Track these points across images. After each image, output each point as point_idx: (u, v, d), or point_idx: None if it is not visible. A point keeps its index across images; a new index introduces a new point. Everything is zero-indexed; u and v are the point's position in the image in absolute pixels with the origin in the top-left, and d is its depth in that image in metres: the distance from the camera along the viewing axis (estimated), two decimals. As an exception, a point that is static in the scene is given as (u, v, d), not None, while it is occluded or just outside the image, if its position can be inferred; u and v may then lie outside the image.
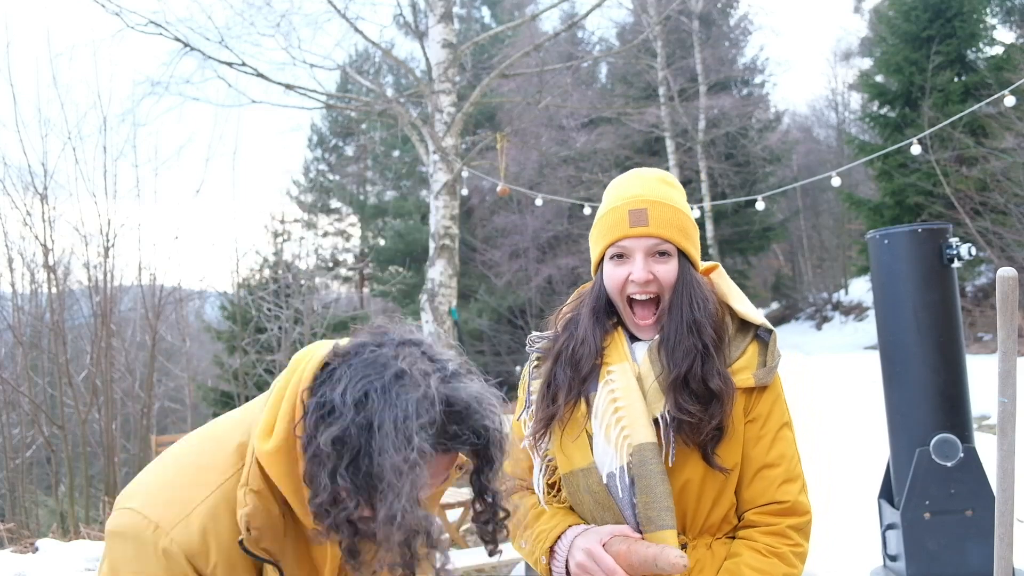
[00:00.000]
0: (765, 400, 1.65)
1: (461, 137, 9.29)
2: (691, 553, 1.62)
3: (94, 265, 11.21)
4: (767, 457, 1.63)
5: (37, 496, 11.92)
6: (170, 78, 9.47)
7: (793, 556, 1.59)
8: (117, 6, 8.50)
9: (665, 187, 1.69)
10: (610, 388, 1.64)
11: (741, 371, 1.63)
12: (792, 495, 1.62)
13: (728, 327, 1.67)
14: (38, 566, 5.66)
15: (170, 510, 1.22)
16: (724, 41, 24.41)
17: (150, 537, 1.20)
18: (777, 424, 1.66)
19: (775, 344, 1.67)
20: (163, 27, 8.67)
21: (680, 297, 1.62)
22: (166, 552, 1.20)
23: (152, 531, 1.21)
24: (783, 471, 1.63)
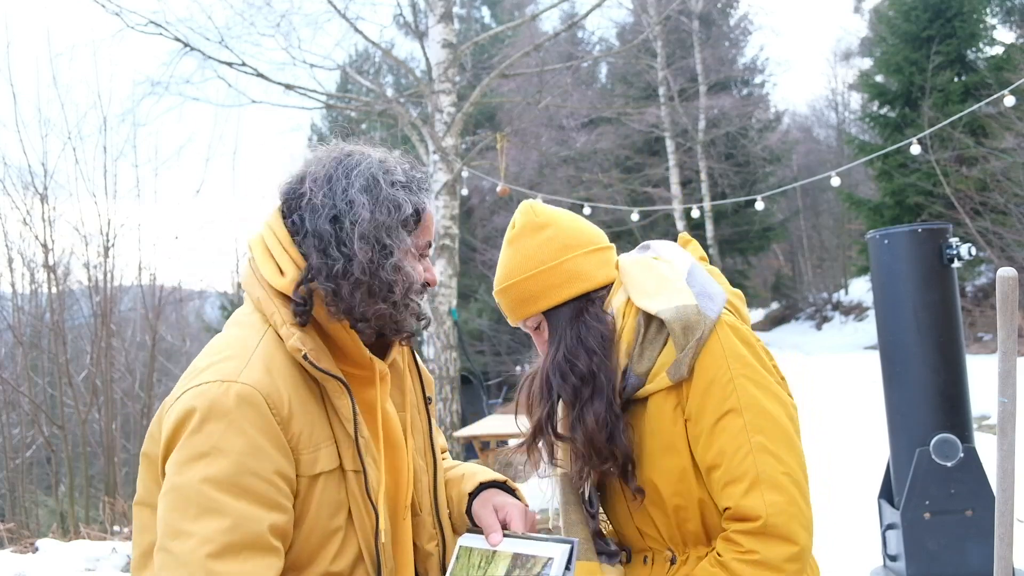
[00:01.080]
0: (694, 393, 1.47)
1: (461, 137, 9.30)
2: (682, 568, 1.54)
3: (94, 265, 11.22)
4: (707, 458, 1.46)
5: (37, 496, 11.91)
6: (170, 78, 9.47)
7: (740, 564, 1.40)
8: (117, 6, 8.51)
9: (509, 255, 1.62)
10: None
11: (659, 370, 1.50)
12: (734, 499, 1.42)
13: (640, 331, 1.53)
14: (38, 566, 5.66)
15: (229, 365, 1.25)
16: (724, 41, 24.41)
17: (221, 390, 1.21)
18: (713, 417, 1.45)
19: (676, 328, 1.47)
20: (163, 27, 8.67)
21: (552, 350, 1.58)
22: (241, 397, 1.21)
23: (222, 386, 1.22)
24: (723, 472, 1.44)
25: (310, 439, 1.27)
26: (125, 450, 12.05)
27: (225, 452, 1.19)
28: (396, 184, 1.34)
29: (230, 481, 1.18)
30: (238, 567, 1.15)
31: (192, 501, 1.18)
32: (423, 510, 1.46)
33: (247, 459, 1.20)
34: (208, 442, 1.19)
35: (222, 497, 1.18)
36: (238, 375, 1.24)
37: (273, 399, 1.24)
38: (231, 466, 1.19)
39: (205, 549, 1.15)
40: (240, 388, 1.22)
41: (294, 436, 1.26)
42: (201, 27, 9.81)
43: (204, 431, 1.20)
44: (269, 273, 1.32)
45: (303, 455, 1.26)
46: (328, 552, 1.29)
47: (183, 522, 1.17)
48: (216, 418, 1.20)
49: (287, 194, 1.37)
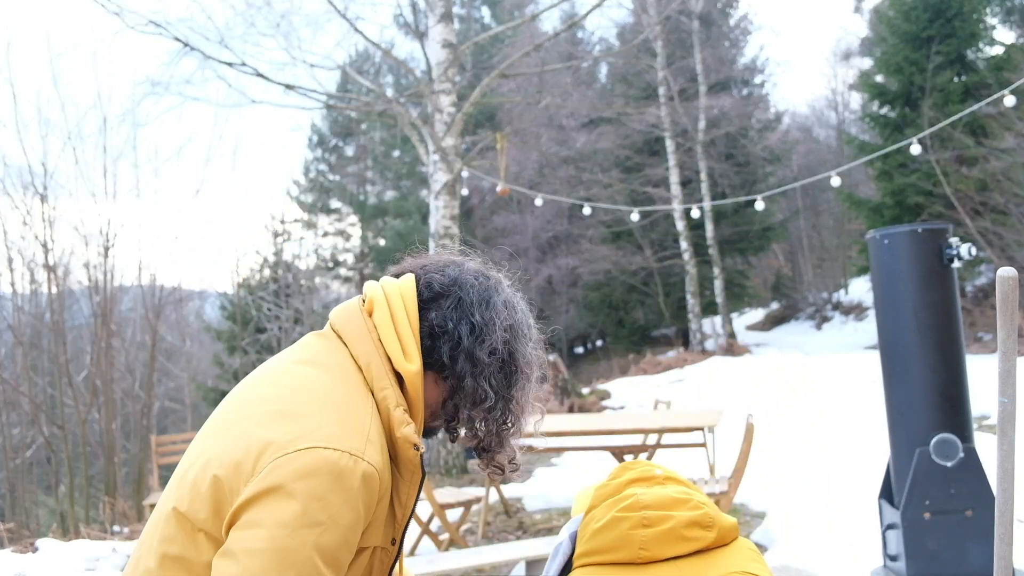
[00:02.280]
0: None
1: (461, 137, 9.29)
2: None
3: (94, 265, 11.22)
4: None
5: (37, 496, 11.92)
6: (170, 78, 9.50)
7: None
8: (117, 6, 8.51)
9: None
10: None
11: None
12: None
13: None
14: (38, 566, 5.66)
15: (354, 440, 1.25)
16: (724, 41, 24.41)
17: (351, 466, 1.22)
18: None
19: None
20: (163, 27, 8.67)
21: None
22: (365, 478, 1.24)
23: (351, 460, 1.23)
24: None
25: (378, 517, 1.32)
26: (125, 450, 12.05)
27: (339, 525, 1.21)
28: (532, 339, 1.47)
29: (331, 554, 1.21)
30: None
31: (296, 566, 1.18)
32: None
33: (349, 534, 1.23)
34: (328, 512, 1.20)
35: (322, 566, 1.20)
36: (363, 452, 1.25)
37: (384, 484, 1.29)
38: (339, 538, 1.22)
39: None
40: (366, 468, 1.24)
41: (375, 515, 1.31)
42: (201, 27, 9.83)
43: (327, 500, 1.21)
44: (395, 351, 1.35)
45: (367, 531, 1.31)
46: None
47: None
48: (341, 491, 1.21)
49: (432, 283, 1.42)
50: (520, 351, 1.41)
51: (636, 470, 1.51)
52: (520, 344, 1.42)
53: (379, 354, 1.35)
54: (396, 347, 1.35)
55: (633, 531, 1.36)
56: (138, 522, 8.57)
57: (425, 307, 1.39)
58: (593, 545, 1.40)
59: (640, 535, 1.36)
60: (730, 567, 1.36)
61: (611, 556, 1.37)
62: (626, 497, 1.43)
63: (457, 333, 1.36)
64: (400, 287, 1.41)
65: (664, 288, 23.27)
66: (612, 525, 1.38)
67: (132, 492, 10.87)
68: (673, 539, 1.36)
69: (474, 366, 1.36)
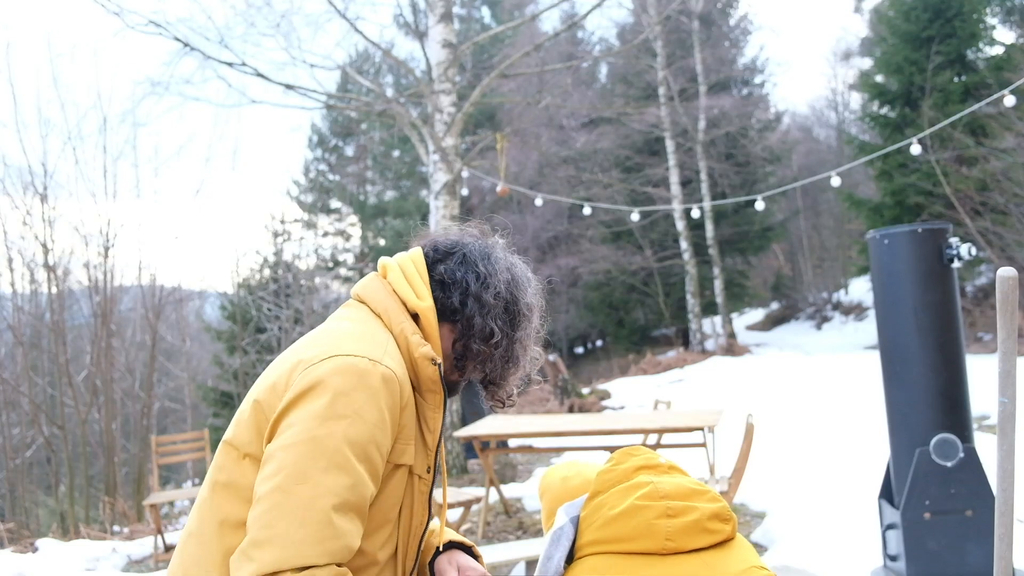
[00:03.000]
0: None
1: (461, 137, 9.29)
2: None
3: (94, 265, 11.22)
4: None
5: (37, 496, 11.91)
6: (170, 78, 9.48)
7: None
8: (117, 6, 8.51)
9: None
10: None
11: None
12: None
13: None
14: (38, 566, 5.66)
15: (373, 350, 1.40)
16: (724, 41, 24.40)
17: (369, 368, 1.36)
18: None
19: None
20: (163, 27, 8.67)
21: None
22: (384, 377, 1.37)
23: (370, 364, 1.37)
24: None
25: (406, 432, 1.43)
26: (125, 450, 12.05)
27: (365, 420, 1.33)
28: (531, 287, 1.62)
29: (362, 447, 1.32)
30: (349, 525, 1.29)
31: (327, 454, 1.29)
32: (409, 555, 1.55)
33: (377, 432, 1.34)
34: (352, 407, 1.32)
35: (352, 458, 1.30)
36: (381, 359, 1.39)
37: (404, 388, 1.41)
38: (366, 433, 1.33)
39: (330, 500, 1.27)
40: (384, 370, 1.37)
41: (401, 425, 1.41)
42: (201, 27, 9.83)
43: (352, 396, 1.33)
44: (408, 294, 1.52)
45: (398, 444, 1.41)
46: (378, 538, 1.41)
47: (313, 471, 1.27)
48: (363, 388, 1.34)
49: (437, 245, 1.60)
50: (521, 296, 1.57)
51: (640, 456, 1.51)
52: (520, 291, 1.57)
53: (395, 300, 1.53)
54: (409, 291, 1.53)
55: (657, 521, 1.36)
56: (138, 522, 8.56)
57: (433, 264, 1.57)
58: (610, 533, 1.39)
59: (665, 525, 1.36)
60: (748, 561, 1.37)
61: (632, 545, 1.37)
62: (641, 484, 1.42)
63: (465, 281, 1.53)
64: (409, 254, 1.61)
65: (664, 288, 23.27)
66: (632, 513, 1.38)
67: (132, 492, 10.86)
68: (698, 531, 1.37)
69: (481, 307, 1.52)
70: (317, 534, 1.24)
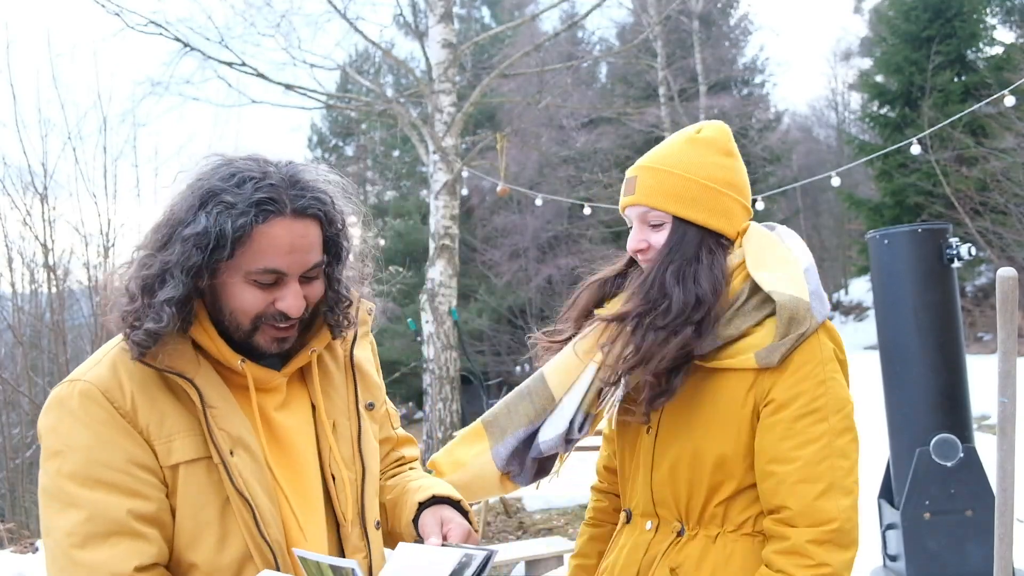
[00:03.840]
0: (782, 384, 1.44)
1: (461, 137, 9.29)
2: (687, 545, 1.50)
3: (94, 265, 11.20)
4: (779, 451, 1.42)
5: (37, 496, 11.92)
6: (170, 78, 9.47)
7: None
8: (117, 6, 8.50)
9: (682, 146, 1.59)
10: (587, 332, 1.65)
11: (746, 350, 1.46)
12: (807, 498, 1.39)
13: (742, 297, 1.50)
14: (38, 566, 5.66)
15: (85, 366, 1.33)
16: (724, 41, 24.41)
17: (68, 390, 1.29)
18: (796, 413, 1.43)
19: (784, 315, 1.43)
20: (163, 27, 8.67)
21: (664, 258, 1.53)
22: (82, 394, 1.28)
23: (69, 385, 1.30)
24: (797, 470, 1.40)
25: (160, 429, 1.30)
26: (125, 450, 12.03)
27: (75, 448, 1.25)
28: (223, 203, 1.28)
29: (83, 474, 1.24)
30: (102, 555, 1.21)
31: (53, 498, 1.26)
32: (348, 520, 1.44)
33: (96, 452, 1.25)
34: (60, 440, 1.26)
35: (78, 490, 1.24)
36: (84, 374, 1.30)
37: (112, 393, 1.28)
38: (81, 460, 1.25)
39: (68, 541, 1.22)
40: (82, 386, 1.28)
41: (143, 428, 1.29)
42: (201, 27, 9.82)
43: (57, 430, 1.28)
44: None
45: (156, 445, 1.29)
46: (205, 543, 1.30)
47: (49, 519, 1.26)
48: (66, 415, 1.28)
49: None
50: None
51: None
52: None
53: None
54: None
55: None
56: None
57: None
58: None
59: None
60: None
61: None
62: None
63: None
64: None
65: (664, 288, 23.23)
66: None
67: (132, 492, 10.85)
68: None
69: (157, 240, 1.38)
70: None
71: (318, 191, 1.37)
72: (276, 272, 1.31)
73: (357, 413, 1.49)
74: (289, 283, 1.33)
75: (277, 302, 1.33)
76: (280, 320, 1.34)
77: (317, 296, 1.40)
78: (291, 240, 1.31)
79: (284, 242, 1.31)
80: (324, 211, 1.36)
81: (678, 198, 1.54)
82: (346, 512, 1.43)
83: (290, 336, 1.38)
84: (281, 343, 1.37)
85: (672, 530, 1.54)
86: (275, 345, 1.37)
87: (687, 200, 1.54)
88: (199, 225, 1.26)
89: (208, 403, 1.32)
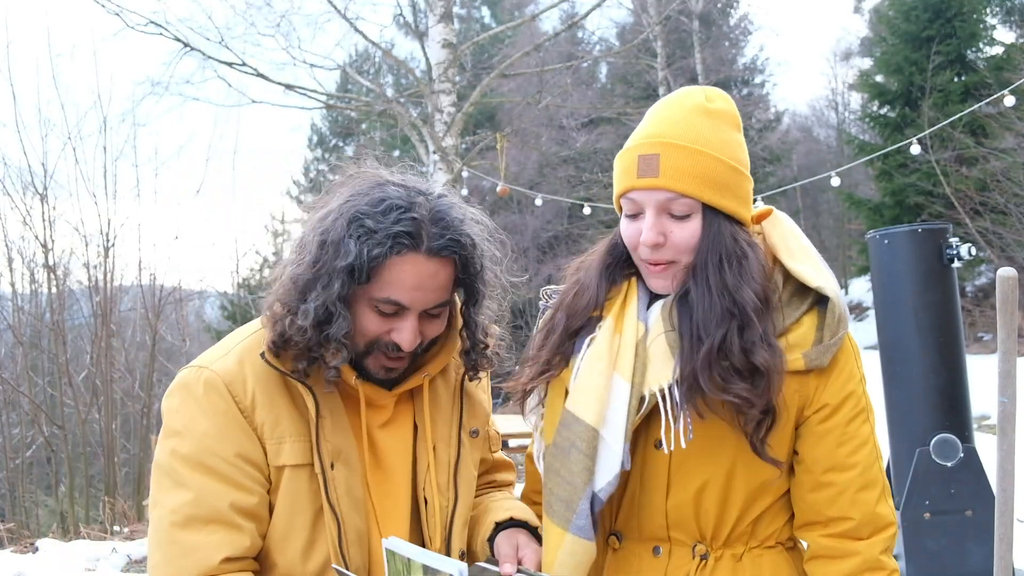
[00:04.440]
0: (831, 387, 1.33)
1: (461, 137, 9.30)
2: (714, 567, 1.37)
3: (94, 265, 11.21)
4: (834, 458, 1.32)
5: (37, 496, 11.91)
6: (170, 78, 9.47)
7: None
8: (117, 6, 8.51)
9: (701, 120, 1.36)
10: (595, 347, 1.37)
11: (790, 349, 1.31)
12: (869, 506, 1.32)
13: (779, 288, 1.34)
14: (38, 566, 5.67)
15: (214, 354, 1.38)
16: (724, 41, 24.42)
17: (195, 376, 1.34)
18: (847, 416, 1.33)
19: (834, 314, 1.31)
20: (163, 27, 8.68)
21: (706, 258, 1.30)
22: (207, 382, 1.32)
23: (196, 371, 1.34)
24: (857, 475, 1.32)
25: (274, 430, 1.33)
26: (125, 450, 12.04)
27: (192, 431, 1.30)
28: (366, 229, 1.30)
29: (195, 459, 1.29)
30: (200, 538, 1.25)
31: (165, 475, 1.30)
32: (433, 545, 1.44)
33: (210, 440, 1.29)
34: (180, 422, 1.31)
35: (188, 472, 1.28)
36: (212, 363, 1.34)
37: (235, 387, 1.32)
38: (195, 444, 1.29)
39: (171, 518, 1.27)
40: (208, 375, 1.33)
41: (258, 425, 1.32)
42: (201, 27, 9.82)
43: (180, 411, 1.32)
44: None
45: (268, 444, 1.32)
46: (292, 547, 1.33)
47: (158, 493, 1.30)
48: (190, 400, 1.32)
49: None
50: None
51: None
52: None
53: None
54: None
55: None
56: (138, 522, 8.57)
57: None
58: None
59: None
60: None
61: None
62: None
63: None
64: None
65: (664, 288, 23.26)
66: None
67: (132, 492, 10.85)
68: None
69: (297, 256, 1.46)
70: (167, 555, 1.26)
71: (460, 232, 1.35)
72: (397, 304, 1.33)
73: (459, 440, 1.49)
74: (408, 317, 1.34)
75: (393, 333, 1.35)
76: (392, 350, 1.36)
77: (435, 333, 1.42)
78: (419, 279, 1.31)
79: (411, 278, 1.31)
80: (461, 253, 1.36)
81: (713, 183, 1.31)
82: (433, 538, 1.44)
83: (398, 368, 1.40)
84: (389, 372, 1.39)
85: (693, 554, 1.39)
86: (383, 372, 1.39)
87: (721, 186, 1.32)
88: (350, 256, 1.27)
89: (321, 413, 1.35)
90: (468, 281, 1.42)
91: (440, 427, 1.48)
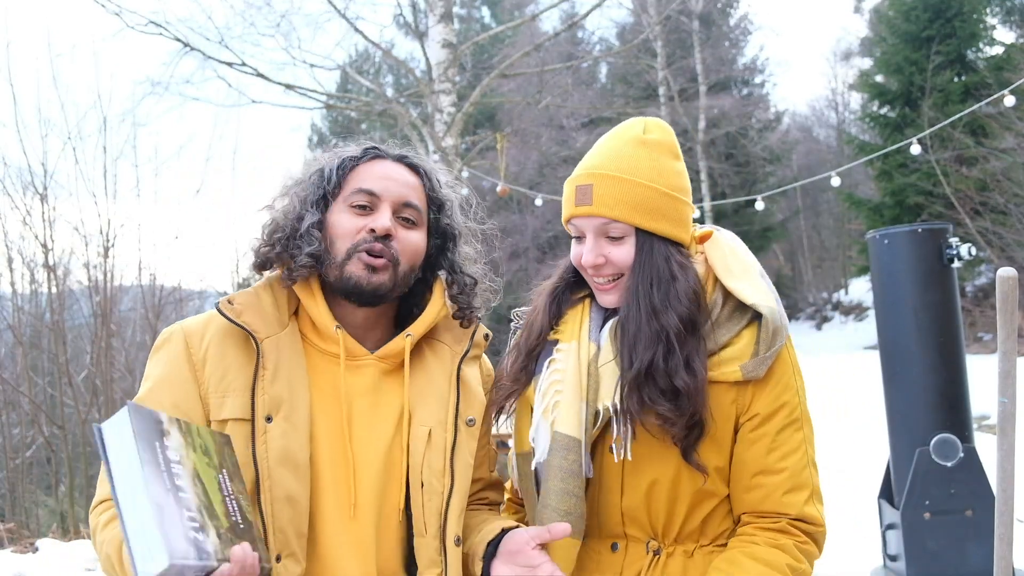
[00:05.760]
0: (764, 396, 1.42)
1: (461, 137, 9.29)
2: (666, 562, 1.47)
3: (94, 265, 11.19)
4: (763, 463, 1.42)
5: (37, 496, 11.91)
6: (170, 78, 9.46)
7: (798, 550, 1.40)
8: (117, 6, 8.50)
9: (636, 150, 1.46)
10: (553, 369, 1.50)
11: (728, 361, 1.42)
12: (797, 507, 1.41)
13: (716, 307, 1.45)
14: (38, 566, 5.66)
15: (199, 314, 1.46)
16: (724, 41, 24.42)
17: (168, 330, 1.43)
18: (779, 425, 1.43)
19: (770, 328, 1.40)
20: (163, 27, 8.67)
21: (637, 280, 1.43)
22: (170, 334, 1.42)
23: (173, 326, 1.43)
24: (785, 479, 1.41)
25: (219, 384, 1.35)
26: (125, 450, 12.02)
27: (148, 378, 1.40)
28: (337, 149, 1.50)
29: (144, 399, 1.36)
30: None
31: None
32: (428, 532, 1.40)
33: (156, 388, 1.37)
34: (147, 369, 1.42)
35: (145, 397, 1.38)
36: (188, 320, 1.44)
37: (192, 340, 1.39)
38: (146, 391, 1.38)
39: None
40: (175, 328, 1.42)
41: (206, 378, 1.36)
42: (201, 27, 9.82)
43: (149, 360, 1.44)
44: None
45: (212, 398, 1.35)
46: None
47: None
48: (156, 351, 1.43)
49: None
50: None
51: None
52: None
53: None
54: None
55: None
56: (138, 522, 8.55)
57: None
58: None
59: None
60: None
61: None
62: None
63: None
64: None
65: (664, 288, 23.25)
66: None
67: (132, 492, 10.85)
68: None
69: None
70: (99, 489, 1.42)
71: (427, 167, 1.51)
72: (369, 193, 1.42)
73: (455, 426, 1.47)
74: (382, 208, 1.42)
75: (369, 224, 1.41)
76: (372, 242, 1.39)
77: (413, 246, 1.46)
78: (387, 171, 1.46)
79: (379, 171, 1.45)
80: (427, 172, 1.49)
81: (643, 209, 1.43)
82: (428, 524, 1.41)
83: (379, 268, 1.40)
84: (371, 271, 1.40)
85: (647, 549, 1.49)
86: (366, 273, 1.39)
87: (652, 211, 1.43)
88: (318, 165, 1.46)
89: (264, 364, 1.35)
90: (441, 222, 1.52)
91: (435, 410, 1.46)
